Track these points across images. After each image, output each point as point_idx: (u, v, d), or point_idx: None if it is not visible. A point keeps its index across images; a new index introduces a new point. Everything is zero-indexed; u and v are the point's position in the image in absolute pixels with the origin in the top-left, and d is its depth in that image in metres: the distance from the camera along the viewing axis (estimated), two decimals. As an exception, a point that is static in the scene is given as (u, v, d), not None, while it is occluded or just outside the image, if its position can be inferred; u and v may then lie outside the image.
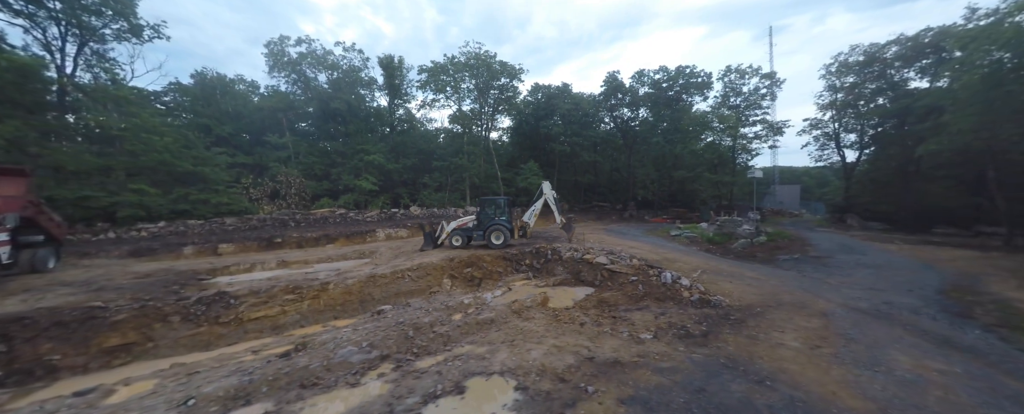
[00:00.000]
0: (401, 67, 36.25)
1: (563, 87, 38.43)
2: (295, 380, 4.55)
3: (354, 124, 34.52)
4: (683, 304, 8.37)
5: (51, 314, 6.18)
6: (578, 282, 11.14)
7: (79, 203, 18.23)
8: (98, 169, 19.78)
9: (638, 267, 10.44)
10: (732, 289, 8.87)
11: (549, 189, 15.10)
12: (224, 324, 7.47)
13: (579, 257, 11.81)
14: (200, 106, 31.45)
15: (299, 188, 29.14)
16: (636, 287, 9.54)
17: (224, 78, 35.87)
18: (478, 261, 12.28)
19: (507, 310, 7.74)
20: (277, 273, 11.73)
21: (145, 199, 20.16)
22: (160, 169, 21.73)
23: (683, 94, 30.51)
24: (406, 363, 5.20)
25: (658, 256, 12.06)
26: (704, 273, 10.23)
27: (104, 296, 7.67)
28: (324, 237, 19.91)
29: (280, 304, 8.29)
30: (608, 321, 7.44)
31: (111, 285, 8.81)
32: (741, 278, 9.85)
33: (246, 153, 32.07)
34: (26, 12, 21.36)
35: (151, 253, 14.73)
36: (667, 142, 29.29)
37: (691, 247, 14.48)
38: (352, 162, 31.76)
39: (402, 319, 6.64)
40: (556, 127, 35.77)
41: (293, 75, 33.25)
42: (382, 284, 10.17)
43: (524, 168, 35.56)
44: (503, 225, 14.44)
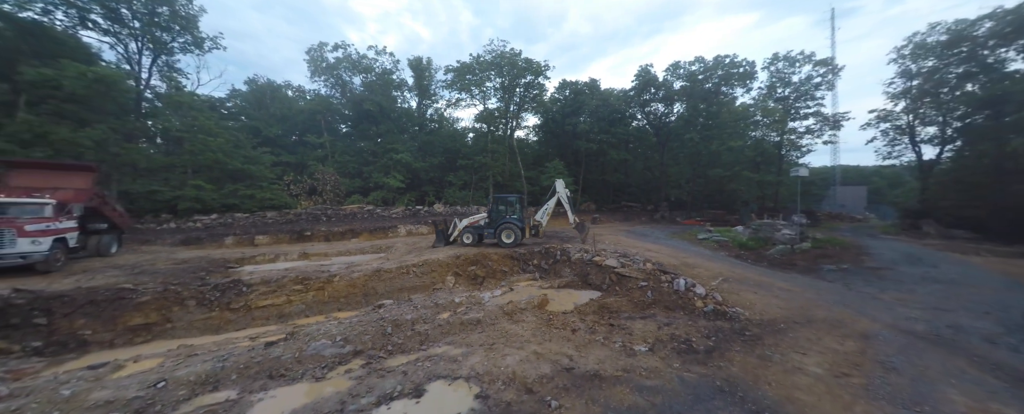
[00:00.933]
0: (429, 68, 37.25)
1: (591, 83, 37.24)
2: (265, 370, 4.64)
3: (385, 124, 36.07)
4: (694, 315, 7.57)
5: (88, 293, 6.97)
6: (585, 285, 10.57)
7: (148, 196, 20.81)
8: (164, 166, 22.45)
9: (650, 272, 9.65)
10: (755, 301, 7.87)
11: (562, 187, 14.56)
12: (234, 310, 7.98)
13: (588, 259, 11.21)
14: (251, 110, 34.61)
15: (334, 185, 30.96)
16: (644, 293, 8.81)
17: (273, 84, 39.15)
18: (484, 259, 12.12)
19: (498, 311, 7.48)
20: (296, 264, 12.43)
21: (201, 193, 22.49)
22: (214, 167, 24.15)
23: (722, 86, 28.11)
24: (376, 360, 5.14)
25: (677, 261, 11.10)
26: (726, 281, 9.21)
27: (140, 279, 8.53)
28: (349, 232, 20.92)
29: (287, 294, 8.71)
30: (604, 329, 6.90)
31: (151, 270, 9.80)
32: (769, 289, 8.73)
33: (290, 152, 34.71)
34: (112, 31, 24.70)
35: (198, 242, 16.35)
36: (702, 139, 27.15)
37: (718, 252, 13.20)
38: (382, 161, 33.20)
39: (385, 315, 6.62)
40: (583, 124, 34.69)
41: (331, 79, 35.44)
42: (386, 279, 10.35)
43: (549, 166, 34.92)
44: (514, 224, 14.16)
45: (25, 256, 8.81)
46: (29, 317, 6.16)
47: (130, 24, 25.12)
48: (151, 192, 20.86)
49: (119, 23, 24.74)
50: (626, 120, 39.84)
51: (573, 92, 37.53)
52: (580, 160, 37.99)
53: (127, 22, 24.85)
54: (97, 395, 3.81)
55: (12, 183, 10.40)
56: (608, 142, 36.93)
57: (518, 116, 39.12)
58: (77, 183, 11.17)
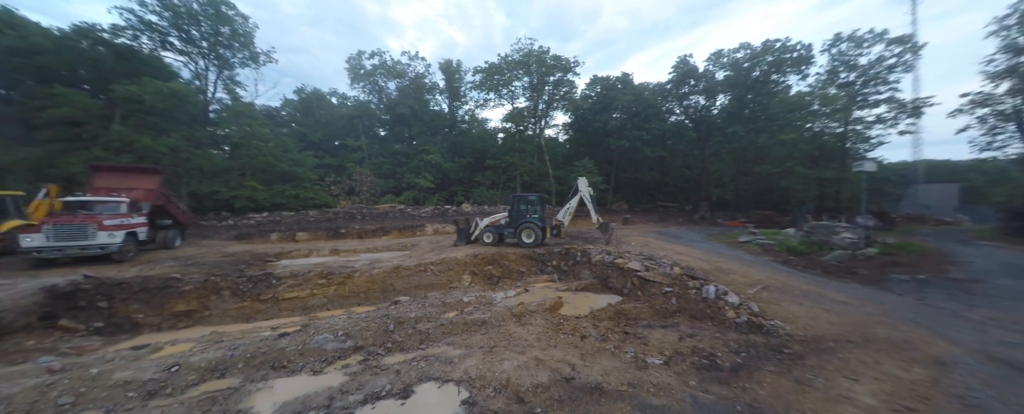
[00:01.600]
0: (459, 70, 37.96)
1: (623, 77, 35.66)
2: (269, 361, 4.83)
3: (417, 127, 37.38)
4: (724, 326, 6.78)
5: (142, 281, 7.83)
6: (605, 288, 10.00)
7: (210, 196, 23.36)
8: (224, 169, 25.07)
9: (676, 277, 8.87)
10: (800, 313, 6.88)
11: (585, 186, 13.98)
12: (264, 301, 8.55)
13: (609, 261, 10.59)
14: (300, 117, 37.64)
15: (370, 185, 32.63)
16: (668, 300, 8.09)
17: (319, 92, 42.31)
18: (502, 259, 11.95)
19: (507, 312, 7.25)
20: (325, 260, 13.12)
21: (254, 193, 24.79)
22: (265, 169, 26.54)
23: (772, 73, 25.42)
24: (374, 357, 5.15)
25: (709, 266, 10.12)
26: (765, 289, 8.19)
27: (188, 270, 9.46)
28: (380, 230, 21.86)
29: (311, 288, 9.17)
30: (617, 336, 6.40)
31: (202, 261, 10.84)
32: (819, 300, 7.61)
33: (332, 155, 37.18)
34: (186, 51, 28.04)
35: (248, 237, 17.96)
36: (748, 132, 24.74)
37: (761, 257, 11.84)
38: (414, 162, 34.45)
39: (390, 312, 6.67)
40: (614, 121, 33.31)
41: (368, 85, 37.43)
42: (405, 276, 10.55)
43: (578, 165, 34.00)
44: (535, 223, 13.85)
45: (103, 247, 10.16)
46: (94, 300, 7.06)
47: (199, 44, 28.43)
48: (213, 192, 23.39)
49: (191, 44, 28.10)
50: (662, 115, 37.68)
51: (604, 88, 36.18)
52: (611, 158, 36.55)
53: (197, 42, 28.16)
54: (119, 375, 4.17)
55: (96, 184, 12.07)
56: (642, 139, 35.16)
57: (547, 115, 38.60)
58: (147, 184, 12.72)
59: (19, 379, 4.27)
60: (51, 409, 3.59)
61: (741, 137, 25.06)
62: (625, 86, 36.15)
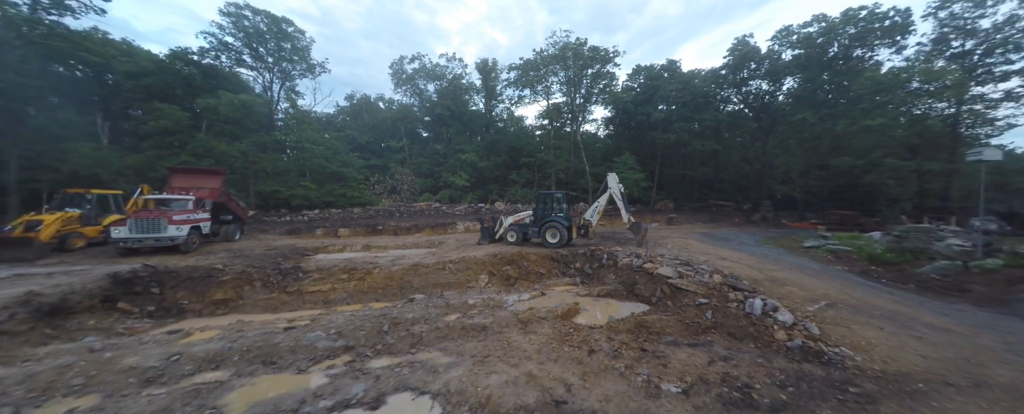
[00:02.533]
0: (495, 69, 37.99)
1: (668, 64, 32.85)
2: (262, 355, 4.91)
3: (454, 127, 38.21)
4: (769, 350, 5.61)
5: (189, 271, 8.71)
6: (630, 296, 9.02)
7: (272, 194, 26.10)
8: (284, 171, 27.85)
9: (714, 287, 7.64)
10: (878, 340, 5.44)
11: (615, 182, 12.89)
12: (289, 293, 9.05)
13: (638, 265, 9.56)
14: (349, 121, 40.63)
15: (409, 184, 34.08)
16: (702, 313, 6.98)
17: (367, 98, 45.31)
18: (521, 259, 11.44)
19: (512, 318, 6.77)
20: (355, 255, 13.71)
21: (308, 192, 27.18)
22: (318, 170, 28.97)
23: (855, 48, 21.39)
24: (361, 359, 5.00)
25: (761, 274, 8.63)
26: (832, 307, 6.68)
27: (234, 261, 10.37)
28: (414, 227, 22.57)
29: (333, 282, 9.53)
30: (632, 353, 5.58)
31: (249, 254, 11.88)
32: (908, 324, 5.98)
33: (378, 156, 39.58)
34: (256, 67, 31.59)
35: (297, 232, 19.60)
36: (821, 119, 21.12)
37: (831, 267, 9.84)
38: (451, 161, 35.27)
39: (387, 312, 6.54)
40: (658, 113, 30.83)
41: (409, 88, 39.11)
42: (423, 273, 10.55)
43: (618, 161, 32.11)
44: (560, 222, 13.12)
45: (173, 239, 11.61)
46: (148, 287, 7.99)
47: (265, 60, 31.93)
48: (274, 191, 26.07)
49: (259, 60, 31.68)
50: (715, 105, 34.10)
51: (648, 78, 33.68)
52: (656, 153, 33.95)
53: (264, 58, 31.66)
54: (127, 360, 4.49)
55: (173, 184, 13.89)
56: (691, 131, 32.14)
57: (585, 109, 37.04)
58: (211, 184, 14.36)
59: (62, 356, 4.80)
60: (64, 389, 3.93)
61: (812, 125, 21.46)
62: (672, 74, 33.31)
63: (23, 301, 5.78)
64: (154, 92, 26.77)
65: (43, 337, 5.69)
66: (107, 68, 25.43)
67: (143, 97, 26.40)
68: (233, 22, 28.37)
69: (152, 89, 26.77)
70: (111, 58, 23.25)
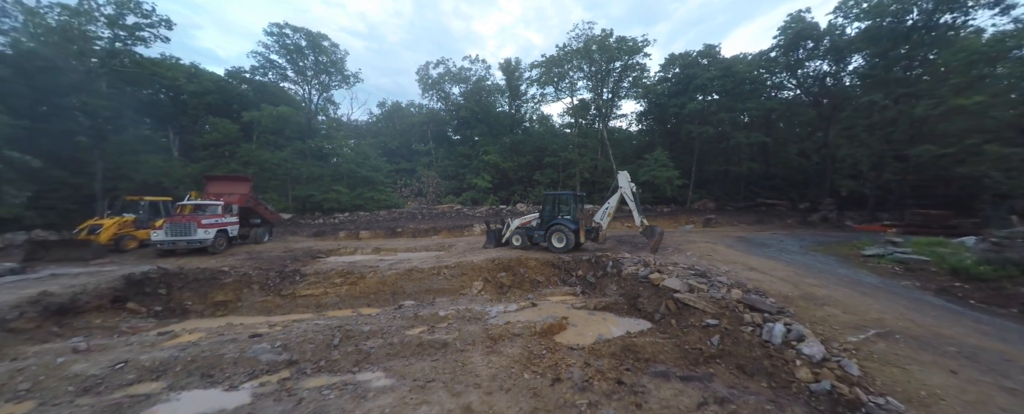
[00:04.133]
0: (518, 68, 37.43)
1: (706, 50, 29.91)
2: (203, 367, 4.81)
3: (479, 128, 38.31)
4: (786, 392, 4.41)
5: (196, 273, 9.26)
6: (632, 310, 7.94)
7: (306, 199, 27.99)
8: (319, 176, 29.77)
9: (728, 305, 6.37)
10: (945, 389, 4.01)
11: (627, 181, 11.67)
12: (284, 297, 9.25)
13: (643, 275, 8.42)
14: (380, 127, 42.58)
15: (435, 187, 34.72)
16: (709, 337, 5.81)
17: (399, 104, 47.27)
18: (520, 266, 10.75)
19: (483, 334, 6.16)
20: (363, 258, 13.92)
21: (339, 196, 28.75)
22: (349, 175, 30.56)
23: (941, 12, 17.56)
24: (298, 377, 4.71)
25: (795, 291, 7.10)
26: (884, 337, 5.17)
27: (251, 263, 10.92)
28: (432, 229, 22.75)
29: (325, 287, 9.61)
30: (605, 386, 4.70)
31: (265, 256, 12.52)
32: (997, 367, 4.39)
33: (407, 160, 40.97)
34: (297, 81, 34.16)
35: (322, 235, 20.64)
36: (896, 100, 17.57)
37: (895, 282, 7.84)
38: (475, 163, 35.35)
39: (342, 324, 6.24)
40: (693, 104, 28.17)
41: (435, 92, 39.96)
42: (417, 279, 10.31)
43: (649, 158, 29.90)
44: (566, 226, 12.20)
45: (201, 241, 12.62)
46: (157, 287, 8.59)
47: (305, 73, 34.49)
48: (309, 195, 27.93)
49: (300, 74, 34.29)
50: (763, 91, 30.43)
51: (683, 67, 30.97)
52: (693, 148, 31.09)
53: (304, 72, 34.21)
54: (75, 367, 4.62)
55: (209, 191, 15.20)
56: (733, 122, 28.98)
57: (612, 104, 35.07)
58: (241, 190, 15.51)
59: (44, 357, 5.09)
60: (9, 393, 4.08)
61: (883, 108, 17.97)
62: (711, 59, 30.29)
63: (34, 300, 6.41)
64: (214, 108, 30.04)
65: (48, 334, 6.22)
66: (177, 89, 29.04)
67: (206, 113, 29.73)
68: (276, 40, 30.95)
69: (213, 106, 30.08)
70: (175, 80, 26.36)
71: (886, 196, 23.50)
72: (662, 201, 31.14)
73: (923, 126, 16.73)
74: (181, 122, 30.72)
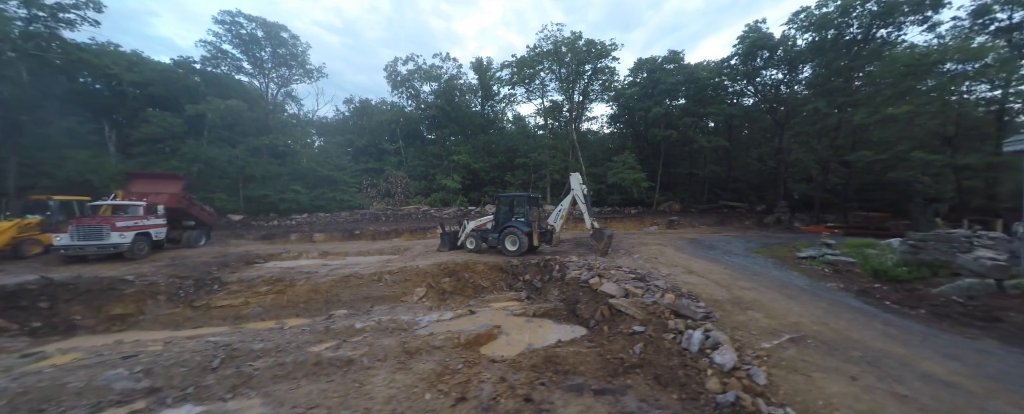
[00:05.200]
0: (490, 68, 37.04)
1: (671, 55, 30.73)
2: (39, 398, 4.08)
3: (451, 128, 37.57)
4: (694, 404, 4.23)
5: (89, 283, 8.20)
6: (571, 316, 7.71)
7: (258, 199, 26.28)
8: (275, 175, 28.05)
9: (654, 311, 6.24)
10: (842, 397, 3.95)
11: (578, 183, 11.53)
12: (196, 308, 8.36)
13: (585, 280, 8.21)
14: (349, 125, 40.91)
15: (404, 187, 33.65)
16: (632, 346, 5.62)
17: (368, 101, 45.59)
18: (467, 270, 10.33)
19: (398, 348, 5.68)
20: (310, 262, 13.05)
21: (298, 197, 27.19)
22: (309, 174, 29.02)
23: (877, 27, 18.80)
24: (154, 408, 4.06)
25: (726, 294, 7.10)
26: (797, 342, 5.15)
27: (166, 271, 9.84)
28: (393, 231, 21.91)
29: (247, 296, 8.78)
30: (512, 403, 4.35)
31: (190, 262, 11.40)
32: (896, 372, 4.41)
33: (376, 159, 39.55)
34: (252, 73, 32.14)
35: (272, 238, 19.34)
36: (837, 108, 18.62)
37: (822, 283, 8.07)
38: (445, 163, 34.59)
39: (231, 341, 5.60)
40: (657, 108, 28.83)
41: (405, 90, 38.82)
42: (355, 286, 9.66)
43: (617, 161, 30.31)
44: (519, 228, 11.90)
45: (116, 246, 11.32)
46: (36, 300, 7.51)
47: (264, 66, 32.54)
48: (263, 195, 26.24)
49: (257, 67, 32.29)
50: (725, 98, 31.65)
51: (650, 71, 31.68)
52: (659, 151, 31.85)
53: (261, 64, 32.25)
54: None
55: (132, 190, 13.77)
56: (696, 127, 29.90)
57: (584, 107, 35.39)
58: (170, 189, 14.16)
59: None
60: None
61: (826, 115, 19.01)
62: (675, 65, 31.16)
63: None
64: (158, 100, 27.66)
65: None
66: (116, 79, 26.49)
67: (149, 106, 27.29)
68: (228, 29, 28.95)
69: (156, 98, 27.68)
70: (108, 68, 24.04)
71: (833, 199, 24.92)
72: (629, 203, 31.67)
73: (862, 133, 17.77)
74: (120, 115, 28.11)
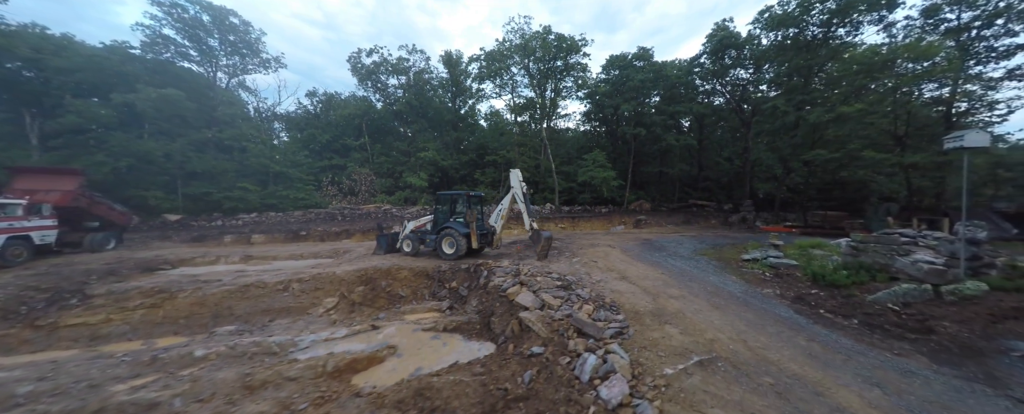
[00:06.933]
0: (461, 62, 35.78)
1: (640, 52, 30.34)
2: None
3: (419, 123, 36.15)
4: (559, 458, 3.37)
5: None
6: (484, 330, 6.81)
7: (201, 198, 24.24)
8: (222, 171, 25.96)
9: (558, 328, 5.41)
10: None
11: (518, 180, 10.65)
12: (39, 327, 6.99)
13: (504, 289, 7.33)
14: (310, 120, 38.77)
15: (369, 185, 32.06)
16: (524, 372, 4.74)
17: (334, 95, 43.40)
18: (387, 277, 9.28)
19: (236, 383, 4.61)
20: (224, 268, 11.69)
21: (246, 194, 25.23)
22: (260, 171, 27.05)
23: (835, 25, 18.80)
24: None
25: (652, 304, 6.35)
26: (705, 365, 4.40)
27: (20, 283, 8.33)
28: (344, 232, 20.51)
29: (109, 312, 7.45)
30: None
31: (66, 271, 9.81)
32: (806, 403, 3.70)
33: (341, 156, 37.62)
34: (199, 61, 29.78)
35: (202, 240, 17.64)
36: (795, 106, 18.55)
37: (759, 289, 7.49)
38: (412, 160, 33.19)
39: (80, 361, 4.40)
40: (625, 105, 28.41)
41: (371, 84, 37.03)
42: (254, 296, 8.45)
43: (587, 159, 29.77)
44: (456, 230, 10.94)
45: (-19, 252, 9.66)
46: None
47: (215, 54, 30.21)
48: (205, 194, 24.21)
49: (203, 54, 29.91)
50: (694, 97, 31.60)
51: (621, 68, 31.25)
52: (630, 149, 31.52)
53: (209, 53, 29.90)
54: None
55: (16, 187, 11.95)
56: (665, 125, 29.69)
57: (555, 103, 34.66)
58: (65, 186, 12.41)
59: None
60: None
61: (785, 113, 18.93)
62: (645, 64, 30.84)
63: None
64: (88, 89, 25.12)
65: None
66: (38, 63, 23.82)
67: (76, 94, 24.70)
68: (167, 12, 26.57)
69: (84, 85, 25.12)
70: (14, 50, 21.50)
71: (795, 198, 25.13)
72: (600, 202, 31.23)
73: (821, 132, 17.71)
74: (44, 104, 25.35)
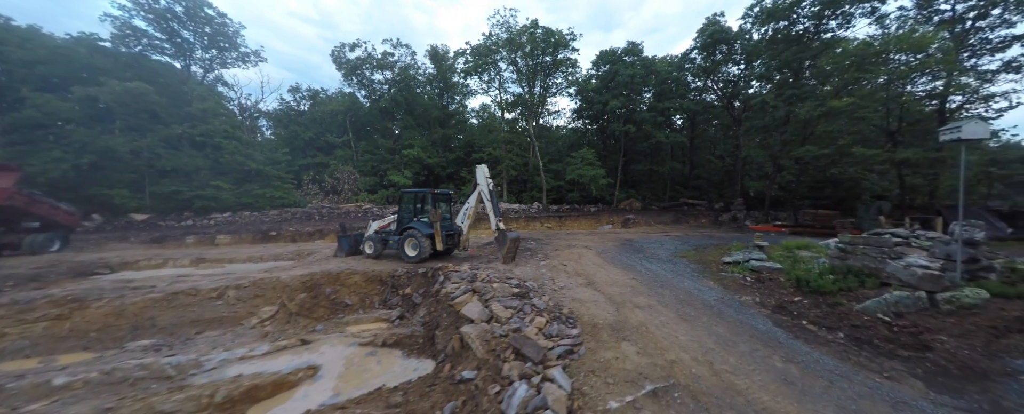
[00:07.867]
0: (448, 57, 34.86)
1: (630, 47, 29.60)
2: None
3: (405, 120, 35.22)
4: None
5: None
6: (427, 345, 6.03)
7: (172, 196, 23.20)
8: (193, 169, 24.90)
9: (495, 348, 4.63)
10: None
11: (484, 177, 9.87)
12: (-86, 345, 6.10)
13: (454, 297, 6.55)
14: (293, 116, 37.69)
15: (352, 183, 31.11)
16: (445, 404, 3.97)
17: (316, 92, 42.26)
18: (334, 282, 8.46)
19: None
20: (168, 272, 10.82)
21: (220, 193, 24.21)
22: (235, 169, 26.01)
23: (826, 17, 18.15)
24: None
25: (614, 316, 5.59)
26: (660, 395, 3.64)
27: None
28: (318, 232, 19.62)
29: (7, 325, 6.57)
30: None
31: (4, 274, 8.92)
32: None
33: (325, 153, 36.59)
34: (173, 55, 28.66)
35: (163, 241, 16.68)
36: (785, 101, 17.91)
37: (735, 297, 6.76)
38: (397, 158, 32.28)
39: None
40: (614, 102, 27.70)
41: (356, 79, 36.00)
42: (182, 305, 7.60)
43: (574, 157, 29.05)
44: (419, 231, 10.14)
45: None
46: None
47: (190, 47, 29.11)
48: (174, 192, 23.17)
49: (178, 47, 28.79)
50: (684, 93, 30.96)
51: (611, 63, 30.53)
52: (620, 147, 30.84)
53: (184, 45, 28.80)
54: None
55: (-59, 184, 10.98)
56: (655, 122, 29.02)
57: (545, 100, 33.89)
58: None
59: None
60: None
61: (775, 108, 18.27)
62: (635, 59, 30.13)
63: None
64: (52, 82, 23.97)
65: None
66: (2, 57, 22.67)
67: (43, 88, 23.55)
68: (135, 1, 25.43)
69: (49, 78, 23.96)
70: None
71: (786, 197, 24.56)
72: (589, 200, 30.54)
73: (811, 127, 17.08)
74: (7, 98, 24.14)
